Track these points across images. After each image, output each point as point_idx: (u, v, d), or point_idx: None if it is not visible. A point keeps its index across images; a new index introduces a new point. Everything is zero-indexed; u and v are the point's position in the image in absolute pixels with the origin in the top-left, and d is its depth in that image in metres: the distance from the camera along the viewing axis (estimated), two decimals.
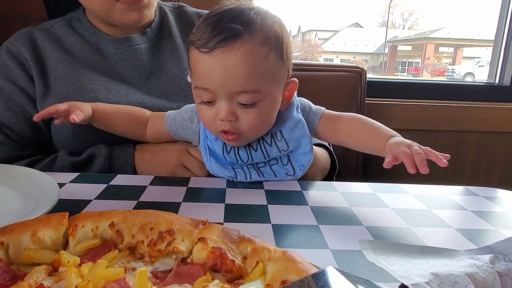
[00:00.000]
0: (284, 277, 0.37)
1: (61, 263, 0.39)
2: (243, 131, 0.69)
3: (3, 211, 0.53)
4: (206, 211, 0.60)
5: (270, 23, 0.67)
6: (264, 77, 0.66)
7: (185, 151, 0.81)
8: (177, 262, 0.41)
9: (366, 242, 0.36)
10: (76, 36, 0.93)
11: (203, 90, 0.67)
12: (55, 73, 0.88)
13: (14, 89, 0.88)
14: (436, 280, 0.29)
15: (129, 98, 0.87)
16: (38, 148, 0.89)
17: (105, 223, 0.43)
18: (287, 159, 0.77)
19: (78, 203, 0.61)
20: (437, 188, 0.78)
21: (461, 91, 1.63)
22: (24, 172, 0.65)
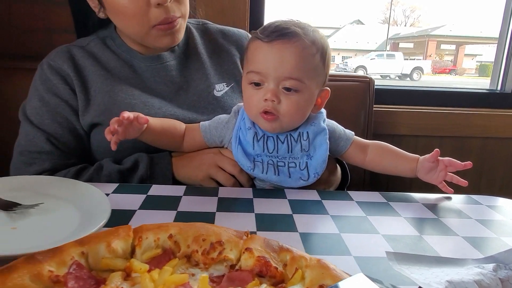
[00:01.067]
0: (321, 282, 0.45)
1: (133, 270, 0.46)
2: (281, 114, 0.81)
3: (63, 224, 0.61)
4: (239, 221, 0.67)
5: (319, 35, 0.83)
6: (308, 71, 0.81)
7: (218, 152, 0.90)
8: (228, 268, 0.49)
9: (392, 254, 0.43)
10: (111, 54, 1.00)
11: (256, 74, 0.81)
12: (94, 87, 0.96)
13: (59, 102, 0.95)
14: (451, 286, 0.36)
15: (163, 111, 0.95)
16: (81, 157, 0.97)
17: (164, 235, 0.50)
18: (305, 165, 0.85)
19: (125, 213, 0.68)
20: (443, 197, 0.85)
21: (464, 98, 1.70)
22: (79, 186, 0.72)
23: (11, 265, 0.42)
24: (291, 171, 0.85)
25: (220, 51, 1.09)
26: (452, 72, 21.97)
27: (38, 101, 0.95)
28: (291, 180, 0.85)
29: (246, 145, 0.86)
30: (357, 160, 0.93)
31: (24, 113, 0.97)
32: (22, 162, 0.93)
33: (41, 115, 0.94)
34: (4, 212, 0.62)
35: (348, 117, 1.43)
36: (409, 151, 1.66)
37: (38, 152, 0.93)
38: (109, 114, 0.92)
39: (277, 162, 0.85)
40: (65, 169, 0.92)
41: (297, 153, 0.85)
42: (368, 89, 1.45)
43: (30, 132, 0.94)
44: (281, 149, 0.85)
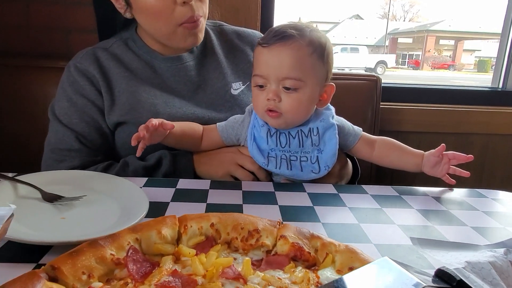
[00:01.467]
0: (350, 265, 0.50)
1: (182, 254, 0.52)
2: (283, 111, 0.87)
3: (107, 214, 0.66)
4: (265, 212, 0.73)
5: (317, 34, 0.88)
6: (306, 70, 0.86)
7: (237, 151, 0.96)
8: (264, 253, 0.54)
9: (416, 239, 0.49)
10: (133, 55, 1.05)
11: (259, 77, 0.88)
12: (119, 87, 1.01)
13: (86, 102, 1.00)
14: (469, 266, 0.41)
15: (183, 110, 1.00)
16: (106, 154, 1.02)
17: (207, 224, 0.56)
18: (316, 159, 0.91)
19: (159, 205, 0.73)
20: (451, 190, 0.91)
21: (467, 96, 1.76)
22: (115, 180, 0.78)
23: (78, 249, 0.48)
24: (302, 165, 0.90)
25: (236, 51, 1.14)
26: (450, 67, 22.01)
27: (67, 101, 1.01)
28: (303, 174, 0.90)
29: (260, 140, 0.92)
30: (365, 154, 0.99)
31: (53, 112, 1.02)
32: (53, 159, 0.99)
33: (69, 115, 1.00)
34: (51, 204, 0.68)
35: (356, 114, 1.49)
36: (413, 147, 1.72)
37: (68, 150, 0.98)
38: (133, 113, 0.98)
39: (289, 157, 0.91)
40: (93, 165, 0.97)
41: (308, 147, 0.91)
42: (376, 87, 1.50)
43: (60, 131, 0.99)
44: (293, 143, 0.91)
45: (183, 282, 0.46)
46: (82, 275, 0.45)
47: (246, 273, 0.48)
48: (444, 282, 0.48)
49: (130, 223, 0.59)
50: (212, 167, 0.95)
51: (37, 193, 0.70)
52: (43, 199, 0.69)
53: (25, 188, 0.72)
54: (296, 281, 0.48)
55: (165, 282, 0.46)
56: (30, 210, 0.66)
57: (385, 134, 1.58)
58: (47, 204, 0.68)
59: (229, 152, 0.96)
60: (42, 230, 0.60)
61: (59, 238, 0.56)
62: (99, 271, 0.46)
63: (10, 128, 1.37)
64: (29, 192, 0.71)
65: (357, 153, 1.00)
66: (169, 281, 0.46)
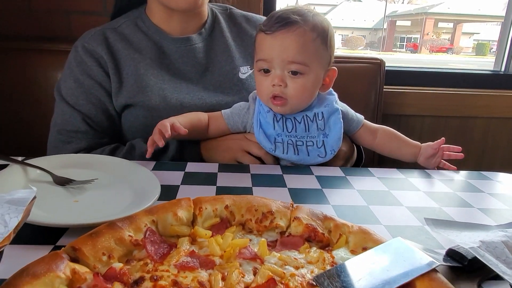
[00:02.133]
0: (364, 245, 0.51)
1: (198, 235, 0.52)
2: (289, 97, 0.87)
3: (120, 197, 0.66)
4: (275, 194, 0.73)
5: (319, 19, 0.88)
6: (310, 55, 0.87)
7: (244, 138, 0.96)
8: (278, 235, 0.55)
9: (430, 220, 0.50)
10: (142, 35, 1.04)
11: (263, 61, 0.87)
12: (127, 70, 1.00)
13: (93, 84, 0.99)
14: (483, 246, 0.42)
15: (191, 96, 1.00)
16: (113, 136, 1.02)
17: (221, 206, 0.57)
18: (322, 143, 0.91)
19: (170, 188, 0.74)
20: (457, 173, 0.92)
21: (469, 79, 1.76)
22: (126, 164, 0.78)
23: (97, 230, 0.48)
24: (309, 150, 0.91)
25: (244, 35, 1.13)
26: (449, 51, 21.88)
27: (73, 82, 1.00)
28: (309, 158, 0.91)
29: (266, 126, 0.92)
30: (367, 142, 1.01)
31: (59, 92, 1.01)
32: (60, 141, 0.98)
33: (76, 96, 0.99)
34: (63, 188, 0.68)
35: (359, 97, 1.49)
36: (416, 131, 1.72)
37: (75, 132, 0.98)
38: (141, 96, 0.97)
39: (296, 142, 0.91)
40: (99, 147, 0.97)
41: (314, 132, 0.92)
42: (379, 70, 1.49)
43: (67, 112, 0.99)
44: (299, 128, 0.91)
45: (201, 262, 0.47)
46: (103, 256, 0.45)
47: (262, 254, 0.49)
48: (455, 261, 0.49)
49: (144, 205, 0.60)
50: (218, 153, 0.95)
51: (48, 177, 0.70)
52: (55, 183, 0.69)
53: (35, 172, 0.72)
54: (312, 261, 0.49)
55: (184, 262, 0.46)
56: (42, 194, 0.64)
57: (388, 117, 1.59)
58: (58, 188, 0.68)
59: (235, 139, 0.96)
60: (57, 213, 0.60)
61: (75, 220, 0.56)
62: (119, 252, 0.47)
63: (13, 112, 1.36)
64: (39, 175, 0.71)
65: (359, 139, 1.02)
66: (187, 261, 0.47)
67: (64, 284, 0.41)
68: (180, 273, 0.45)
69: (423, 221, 0.63)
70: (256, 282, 0.44)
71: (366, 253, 0.49)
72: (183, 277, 0.44)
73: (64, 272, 0.41)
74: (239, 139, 0.95)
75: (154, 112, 0.97)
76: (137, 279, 0.44)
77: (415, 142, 0.98)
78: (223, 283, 0.44)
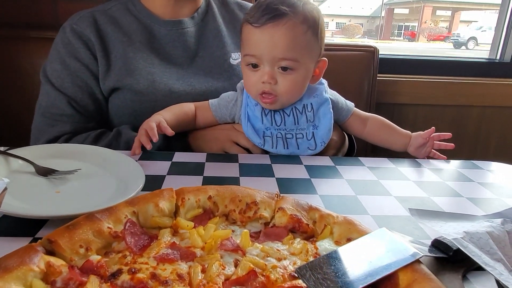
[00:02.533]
0: (348, 236, 0.51)
1: (180, 227, 0.51)
2: (279, 94, 0.84)
3: (103, 187, 0.65)
4: (262, 185, 0.72)
5: (309, 9, 0.83)
6: (302, 49, 0.83)
7: (232, 128, 0.94)
8: (262, 226, 0.54)
9: (414, 210, 0.49)
10: (132, 18, 1.02)
11: (251, 56, 0.84)
12: (115, 53, 0.98)
13: (79, 66, 0.97)
14: (467, 236, 0.41)
15: (180, 82, 0.98)
16: (99, 121, 1.01)
17: (204, 196, 0.55)
18: (312, 135, 0.90)
19: (155, 178, 0.72)
20: (447, 162, 0.91)
21: (464, 68, 1.74)
22: (110, 154, 0.76)
23: (74, 222, 0.47)
24: (299, 142, 0.89)
25: (237, 22, 1.11)
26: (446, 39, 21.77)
27: (59, 64, 0.98)
28: (299, 151, 0.90)
29: (255, 120, 0.90)
30: (357, 130, 0.99)
31: (45, 74, 0.99)
32: (44, 123, 0.97)
33: (62, 78, 0.97)
34: (45, 178, 0.67)
35: (352, 86, 1.47)
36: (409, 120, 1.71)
37: (60, 115, 0.96)
38: (129, 79, 0.96)
39: (285, 135, 0.89)
40: (84, 132, 0.96)
41: (303, 124, 0.90)
42: (373, 58, 1.47)
43: (52, 94, 0.97)
44: (288, 121, 0.89)
45: (182, 254, 0.46)
46: (80, 248, 0.44)
47: (244, 245, 0.48)
48: (441, 252, 0.48)
49: (126, 196, 0.58)
50: (206, 143, 0.93)
51: (30, 167, 0.69)
52: (37, 173, 0.67)
53: (18, 162, 0.70)
54: (295, 253, 0.48)
55: (164, 254, 0.46)
56: (24, 184, 0.65)
57: (381, 106, 1.58)
58: (41, 178, 0.66)
59: (223, 129, 0.94)
60: (37, 204, 0.59)
61: (55, 212, 0.55)
62: (97, 244, 0.46)
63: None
64: (22, 166, 0.70)
65: (349, 128, 1.00)
66: (168, 253, 0.46)
67: (38, 277, 0.40)
68: (159, 266, 0.44)
69: None
70: (237, 274, 0.44)
71: (350, 244, 0.48)
72: (162, 269, 0.43)
73: (38, 265, 0.40)
74: (227, 129, 0.94)
75: (141, 96, 0.96)
76: (115, 271, 0.43)
77: (405, 131, 0.97)
78: (202, 275, 0.43)
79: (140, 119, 0.96)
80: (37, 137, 0.98)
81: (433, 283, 0.41)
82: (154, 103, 0.96)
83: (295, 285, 0.42)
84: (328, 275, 0.44)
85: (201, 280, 0.42)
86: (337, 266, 0.45)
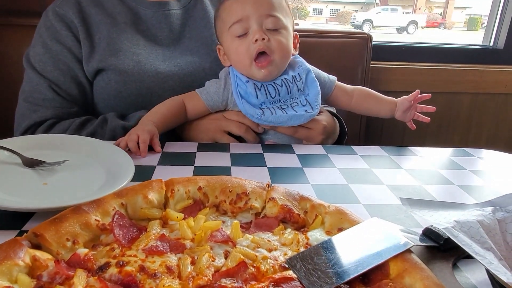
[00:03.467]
0: (339, 226, 0.50)
1: (169, 218, 0.51)
2: (273, 51, 0.86)
3: (91, 179, 0.64)
4: (254, 174, 0.72)
5: None
6: (282, 9, 0.88)
7: (222, 118, 0.92)
8: (253, 216, 0.54)
9: (405, 200, 0.49)
10: (117, 0, 1.00)
11: (237, 23, 0.85)
12: (99, 34, 0.96)
13: (61, 49, 0.95)
14: (458, 226, 0.41)
15: (166, 64, 0.97)
16: (83, 106, 0.99)
17: (194, 187, 0.55)
18: (306, 101, 0.92)
19: (145, 168, 0.71)
20: (440, 150, 0.91)
21: (457, 54, 1.73)
22: (99, 144, 0.75)
23: (61, 215, 0.46)
24: (295, 109, 0.90)
25: None
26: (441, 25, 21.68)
27: (42, 47, 0.96)
28: (298, 115, 0.88)
29: (249, 97, 0.89)
30: (344, 103, 1.01)
31: (28, 59, 0.97)
32: (26, 109, 0.95)
33: (44, 62, 0.95)
34: (32, 170, 0.65)
35: (346, 73, 1.45)
36: None
37: (42, 99, 0.95)
38: (113, 59, 0.94)
39: (281, 106, 0.90)
40: (67, 117, 0.94)
41: (295, 93, 0.91)
42: (366, 45, 1.46)
43: (34, 79, 0.95)
44: (282, 92, 0.90)
45: (171, 246, 0.46)
46: (67, 242, 0.44)
47: (235, 236, 0.48)
48: (432, 240, 0.48)
49: (115, 188, 0.57)
50: (196, 133, 0.92)
51: (17, 159, 0.67)
52: (24, 165, 0.66)
53: (4, 153, 0.69)
54: (286, 243, 0.48)
55: (153, 246, 0.45)
56: (10, 176, 0.63)
57: None
58: (27, 170, 0.65)
59: (214, 119, 0.93)
60: (24, 196, 0.58)
61: (42, 204, 0.54)
62: (84, 237, 0.45)
63: None
64: (8, 157, 0.68)
65: (335, 101, 1.01)
66: (157, 245, 0.45)
67: (23, 272, 0.39)
68: (148, 258, 0.43)
69: None
70: (227, 265, 0.43)
71: (341, 234, 0.48)
72: (151, 262, 0.43)
73: (23, 259, 0.40)
74: (218, 119, 0.92)
75: (126, 76, 0.95)
76: (102, 265, 0.42)
77: (390, 98, 1.00)
78: (192, 267, 0.43)
79: (125, 101, 0.95)
80: (19, 122, 0.96)
81: (424, 272, 0.41)
82: (140, 84, 0.95)
83: (286, 276, 0.42)
84: (319, 265, 0.43)
85: (190, 272, 0.42)
86: (328, 256, 0.44)
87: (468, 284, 0.46)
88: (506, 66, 1.70)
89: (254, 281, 0.41)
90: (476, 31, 15.38)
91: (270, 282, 0.41)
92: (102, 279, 0.40)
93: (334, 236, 0.48)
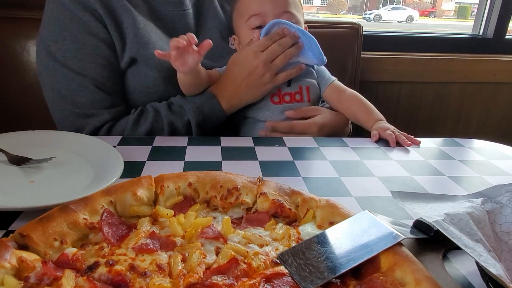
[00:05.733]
0: (331, 220, 0.50)
1: (159, 215, 0.50)
2: None
3: (79, 176, 0.63)
4: (245, 168, 0.71)
5: None
6: (297, 6, 0.98)
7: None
8: (244, 211, 0.53)
9: (396, 193, 0.49)
10: None
11: (255, 17, 0.94)
12: (126, 22, 0.88)
13: (97, 42, 0.86)
14: (448, 218, 0.41)
15: None
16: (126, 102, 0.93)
17: (184, 183, 0.54)
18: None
19: (135, 164, 0.70)
20: (430, 140, 0.91)
21: (447, 44, 1.74)
22: (86, 139, 0.74)
23: (48, 214, 0.45)
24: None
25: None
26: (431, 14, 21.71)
27: (72, 42, 0.85)
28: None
29: None
30: (333, 102, 1.02)
31: (53, 57, 0.85)
32: (76, 115, 0.86)
33: (80, 59, 0.85)
34: (18, 167, 0.64)
35: (336, 64, 1.44)
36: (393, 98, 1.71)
37: (91, 103, 0.86)
38: (143, 51, 0.88)
39: None
40: (120, 116, 0.89)
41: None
42: (357, 35, 1.45)
43: (74, 80, 0.85)
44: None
45: (162, 244, 0.45)
46: (54, 242, 0.43)
47: (226, 232, 0.47)
48: (422, 232, 0.48)
49: (104, 185, 0.57)
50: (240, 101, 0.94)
51: (3, 156, 0.66)
52: (10, 162, 0.65)
53: None
54: (277, 238, 0.47)
55: (143, 244, 0.44)
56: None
57: (365, 84, 1.57)
58: (14, 167, 0.64)
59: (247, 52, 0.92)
60: (10, 195, 0.56)
61: (28, 203, 0.53)
62: (73, 237, 0.44)
63: None
64: None
65: (326, 98, 1.03)
66: (147, 243, 0.45)
67: (10, 274, 0.39)
68: (138, 257, 0.43)
69: None
70: (218, 262, 0.43)
71: (332, 228, 0.48)
72: (141, 260, 0.42)
73: (10, 261, 0.39)
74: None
75: (155, 72, 0.90)
76: (91, 264, 0.41)
77: (376, 117, 0.96)
78: (183, 265, 0.42)
79: (151, 97, 0.91)
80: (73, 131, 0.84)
81: (414, 265, 0.41)
82: (168, 80, 0.91)
83: (277, 272, 0.42)
84: (310, 260, 0.43)
85: (181, 270, 0.41)
86: (319, 251, 0.44)
87: (458, 275, 0.46)
88: (496, 55, 1.71)
89: (246, 277, 0.41)
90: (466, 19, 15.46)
91: (262, 278, 0.41)
92: (91, 279, 0.39)
93: (325, 230, 0.48)
